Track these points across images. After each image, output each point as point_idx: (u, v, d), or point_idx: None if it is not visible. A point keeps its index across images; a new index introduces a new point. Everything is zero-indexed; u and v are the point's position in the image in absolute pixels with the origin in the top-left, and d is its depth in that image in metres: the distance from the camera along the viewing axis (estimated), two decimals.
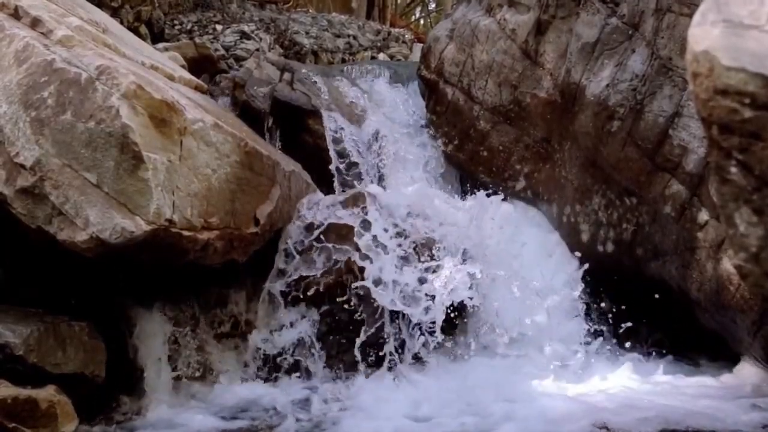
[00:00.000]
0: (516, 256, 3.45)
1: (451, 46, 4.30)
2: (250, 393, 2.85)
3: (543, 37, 3.82)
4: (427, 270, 3.15)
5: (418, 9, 15.93)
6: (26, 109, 2.42)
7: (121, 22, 5.03)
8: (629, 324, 3.26)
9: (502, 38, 4.01)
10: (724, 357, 3.06)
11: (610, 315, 3.36)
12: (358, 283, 3.08)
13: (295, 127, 4.11)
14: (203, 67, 4.89)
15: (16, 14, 2.72)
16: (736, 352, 2.99)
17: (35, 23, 2.67)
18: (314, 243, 3.22)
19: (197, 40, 5.53)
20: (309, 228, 3.28)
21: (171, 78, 3.31)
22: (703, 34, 1.15)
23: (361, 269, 3.11)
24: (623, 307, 3.34)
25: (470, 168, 4.17)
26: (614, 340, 3.29)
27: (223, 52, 5.81)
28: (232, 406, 2.70)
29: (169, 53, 4.55)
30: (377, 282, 3.08)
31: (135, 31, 5.15)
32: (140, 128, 2.39)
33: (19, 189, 2.38)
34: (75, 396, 2.33)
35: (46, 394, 2.22)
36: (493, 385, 2.77)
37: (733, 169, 1.13)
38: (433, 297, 3.05)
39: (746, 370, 2.88)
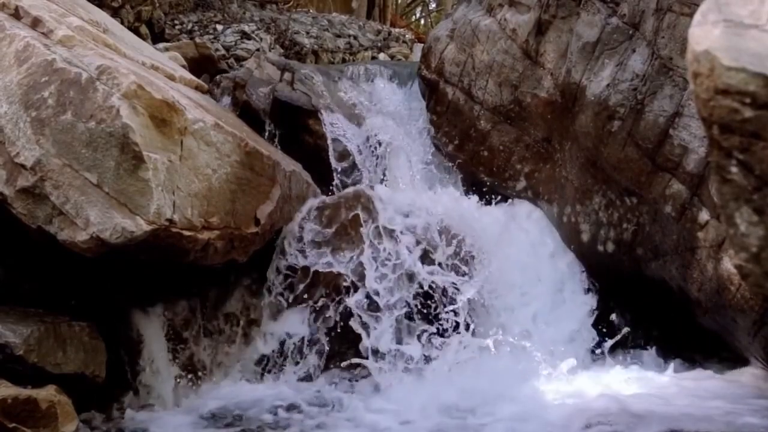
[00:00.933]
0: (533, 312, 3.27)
1: (451, 46, 4.30)
2: (249, 394, 2.85)
3: (543, 37, 3.82)
4: (432, 340, 2.97)
5: (419, 9, 15.94)
6: (27, 109, 2.42)
7: (122, 22, 5.03)
8: (631, 325, 3.26)
9: (503, 38, 4.01)
10: (729, 358, 3.06)
11: (612, 316, 3.36)
12: (354, 360, 2.93)
13: (295, 127, 4.10)
14: (204, 67, 4.89)
15: (16, 14, 2.72)
16: (741, 354, 2.98)
17: (36, 23, 2.67)
18: (297, 305, 3.07)
19: (198, 40, 5.52)
20: (293, 271, 3.12)
21: (171, 78, 3.31)
22: (704, 34, 1.15)
23: (357, 337, 2.95)
24: (625, 308, 3.34)
25: (471, 168, 4.17)
26: (616, 341, 3.29)
27: (223, 52, 5.81)
28: (230, 407, 2.70)
29: (170, 53, 4.55)
30: (375, 352, 2.91)
31: (135, 31, 5.15)
32: (141, 128, 2.39)
33: (20, 189, 2.38)
34: (75, 396, 2.33)
35: (47, 394, 2.22)
36: (493, 388, 2.75)
37: (734, 169, 1.13)
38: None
39: (753, 372, 2.87)
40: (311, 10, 8.60)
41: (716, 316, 2.90)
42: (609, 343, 3.20)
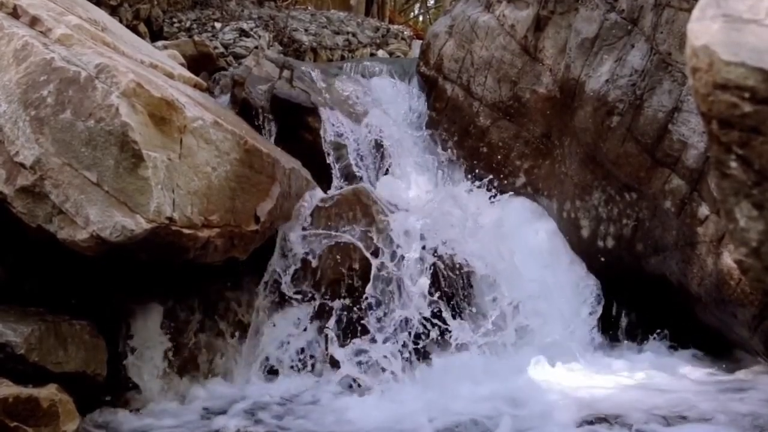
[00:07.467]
0: None
1: (450, 43, 4.29)
2: (250, 392, 2.85)
3: (542, 33, 3.82)
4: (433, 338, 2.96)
5: (417, 5, 15.93)
6: (26, 108, 2.41)
7: (120, 21, 5.03)
8: (630, 320, 3.26)
9: (502, 34, 4.01)
10: (729, 352, 3.06)
11: (612, 312, 3.36)
12: (355, 360, 2.90)
13: (294, 125, 4.10)
14: (202, 65, 4.89)
15: (15, 13, 2.71)
16: (741, 348, 2.99)
17: (34, 22, 2.67)
18: (298, 302, 3.06)
19: (196, 38, 5.52)
20: (293, 268, 3.09)
21: (170, 76, 3.31)
22: (703, 29, 1.14)
23: (358, 335, 2.95)
24: (625, 303, 3.34)
25: (470, 164, 4.17)
26: (616, 337, 3.30)
27: (222, 49, 5.80)
28: (231, 405, 2.70)
29: (168, 51, 4.54)
30: (377, 351, 2.89)
31: (134, 30, 5.15)
32: (140, 126, 2.39)
33: (19, 188, 2.37)
34: (76, 394, 2.34)
35: (48, 393, 2.22)
36: (496, 381, 2.76)
37: (733, 164, 1.13)
38: None
39: (753, 366, 2.88)
40: (310, 8, 8.59)
41: (716, 310, 2.90)
42: (607, 338, 3.22)
